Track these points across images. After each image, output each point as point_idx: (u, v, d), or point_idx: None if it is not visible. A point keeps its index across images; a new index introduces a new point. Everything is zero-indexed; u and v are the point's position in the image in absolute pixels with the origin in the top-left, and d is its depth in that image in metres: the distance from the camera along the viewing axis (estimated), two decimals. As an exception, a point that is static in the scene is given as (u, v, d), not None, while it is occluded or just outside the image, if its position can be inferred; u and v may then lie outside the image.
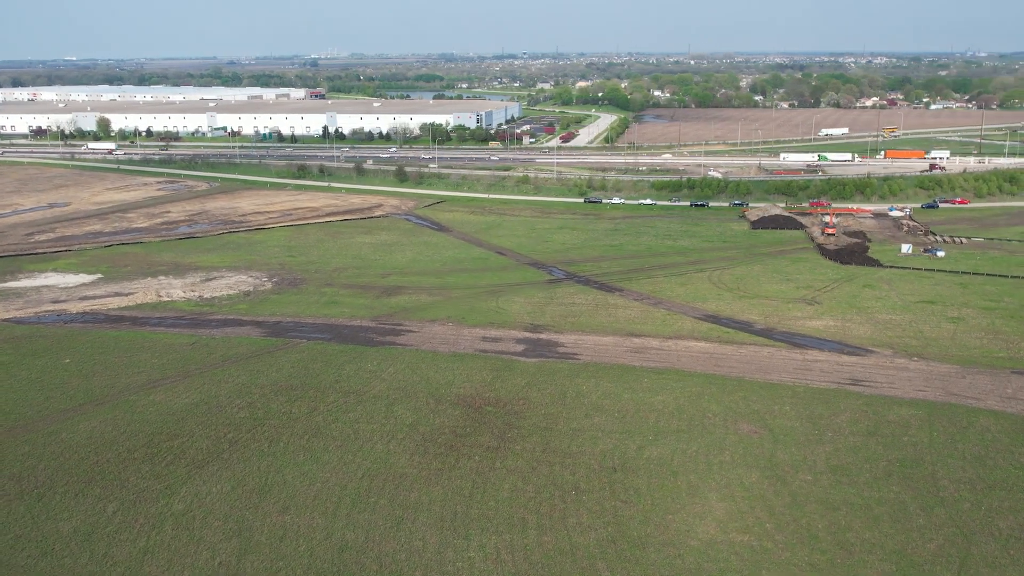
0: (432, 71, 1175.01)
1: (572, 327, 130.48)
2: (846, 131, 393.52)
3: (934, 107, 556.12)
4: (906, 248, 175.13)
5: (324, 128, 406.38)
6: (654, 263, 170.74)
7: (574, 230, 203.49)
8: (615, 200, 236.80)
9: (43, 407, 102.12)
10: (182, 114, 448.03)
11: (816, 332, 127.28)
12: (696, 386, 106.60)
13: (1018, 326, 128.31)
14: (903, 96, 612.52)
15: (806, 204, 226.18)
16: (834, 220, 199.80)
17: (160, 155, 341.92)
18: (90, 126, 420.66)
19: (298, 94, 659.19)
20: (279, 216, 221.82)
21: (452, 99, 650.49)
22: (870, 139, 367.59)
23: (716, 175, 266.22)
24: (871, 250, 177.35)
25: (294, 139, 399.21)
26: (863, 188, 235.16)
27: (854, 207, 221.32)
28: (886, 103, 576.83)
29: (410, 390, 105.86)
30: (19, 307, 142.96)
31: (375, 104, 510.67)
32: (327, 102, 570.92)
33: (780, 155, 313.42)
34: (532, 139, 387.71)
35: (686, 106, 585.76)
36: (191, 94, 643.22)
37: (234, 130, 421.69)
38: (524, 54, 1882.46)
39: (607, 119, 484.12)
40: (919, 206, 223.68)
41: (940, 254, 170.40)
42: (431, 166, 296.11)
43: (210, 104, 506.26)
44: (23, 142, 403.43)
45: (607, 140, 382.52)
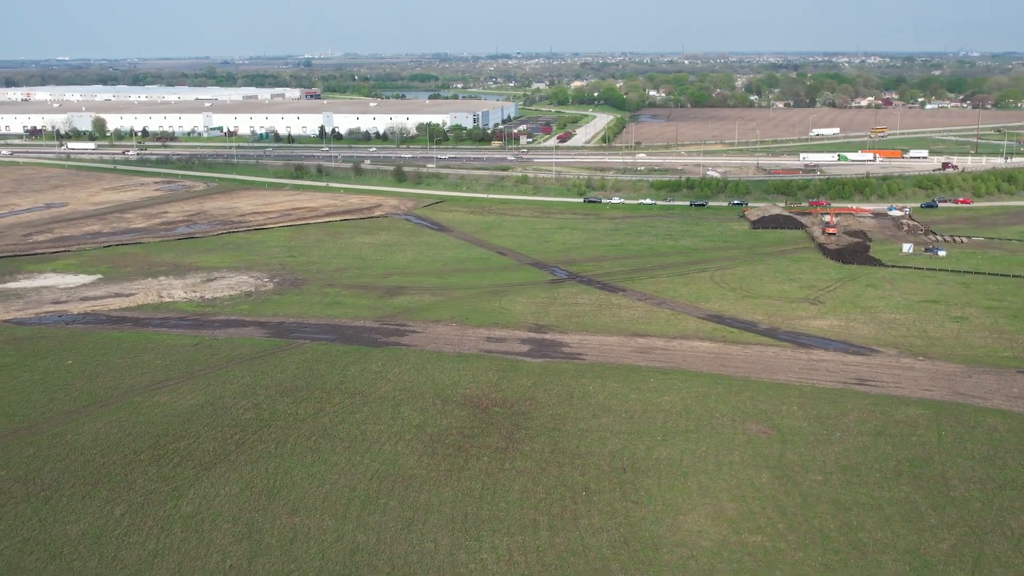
0: (427, 71, 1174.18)
1: (576, 327, 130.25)
2: (837, 131, 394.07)
3: (929, 107, 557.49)
4: (907, 247, 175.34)
5: (321, 128, 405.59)
6: (656, 263, 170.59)
7: (575, 230, 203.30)
8: (615, 200, 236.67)
9: (47, 409, 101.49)
10: (178, 114, 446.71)
11: (820, 332, 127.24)
12: (703, 386, 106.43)
13: (1022, 325, 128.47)
14: (898, 96, 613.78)
15: (805, 204, 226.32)
16: (834, 220, 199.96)
17: (157, 155, 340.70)
18: (86, 126, 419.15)
19: (293, 94, 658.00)
20: (278, 216, 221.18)
21: (448, 99, 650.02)
22: (862, 140, 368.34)
23: (715, 175, 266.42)
24: (872, 250, 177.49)
25: (291, 139, 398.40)
26: (862, 188, 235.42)
27: (853, 207, 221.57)
28: (881, 103, 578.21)
29: (416, 391, 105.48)
30: (19, 308, 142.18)
31: (371, 104, 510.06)
32: (323, 102, 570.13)
33: (800, 155, 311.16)
34: (529, 139, 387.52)
35: (682, 106, 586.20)
36: (186, 94, 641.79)
37: (230, 130, 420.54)
38: (518, 54, 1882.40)
39: (603, 119, 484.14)
40: (918, 206, 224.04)
41: (941, 253, 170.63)
42: (429, 166, 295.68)
43: (206, 104, 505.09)
44: (18, 142, 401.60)
45: (604, 140, 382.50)
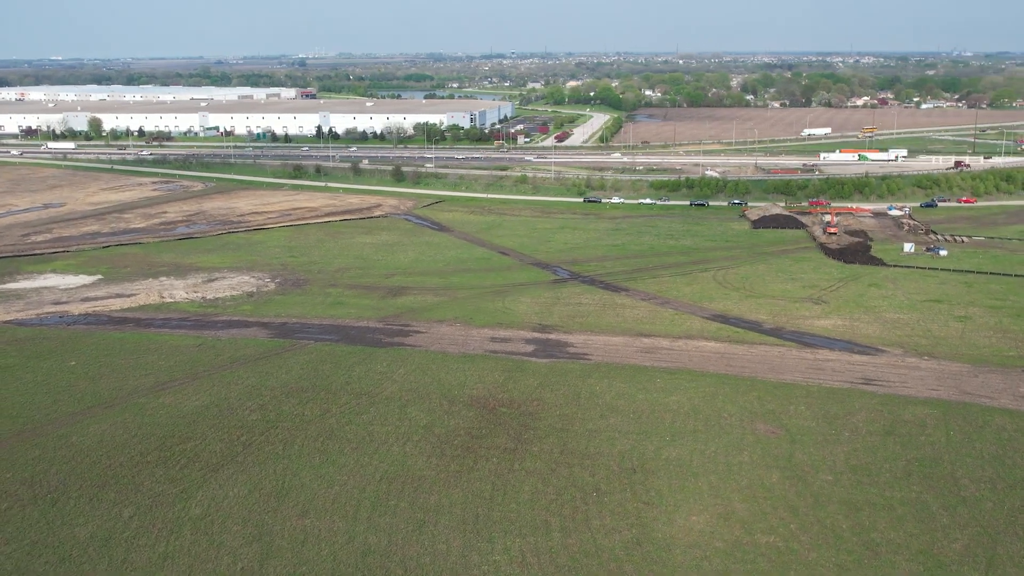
0: (421, 71, 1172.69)
1: (581, 327, 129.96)
2: (829, 131, 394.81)
3: (925, 106, 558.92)
4: (909, 247, 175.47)
5: (318, 128, 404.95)
6: (658, 263, 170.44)
7: (575, 230, 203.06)
8: (614, 200, 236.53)
9: (51, 410, 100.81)
10: (174, 114, 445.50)
11: (825, 331, 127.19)
12: (710, 386, 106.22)
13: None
14: (893, 96, 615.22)
15: (805, 203, 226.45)
16: (835, 219, 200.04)
17: (154, 155, 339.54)
18: (81, 126, 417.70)
19: (289, 94, 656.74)
20: (278, 216, 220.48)
21: (444, 99, 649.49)
22: (853, 140, 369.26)
23: (713, 174, 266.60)
24: (874, 249, 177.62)
25: (287, 139, 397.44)
26: (861, 187, 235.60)
27: (853, 206, 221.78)
28: (877, 103, 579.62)
29: (422, 391, 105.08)
30: (20, 309, 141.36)
31: (368, 104, 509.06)
32: (319, 102, 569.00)
33: (820, 155, 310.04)
34: (527, 139, 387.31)
35: (678, 105, 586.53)
36: (181, 94, 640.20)
37: (227, 130, 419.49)
38: (513, 54, 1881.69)
39: (600, 119, 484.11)
40: (918, 205, 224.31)
41: (943, 253, 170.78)
42: (428, 166, 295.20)
43: (201, 104, 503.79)
44: (13, 142, 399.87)
45: (602, 139, 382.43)
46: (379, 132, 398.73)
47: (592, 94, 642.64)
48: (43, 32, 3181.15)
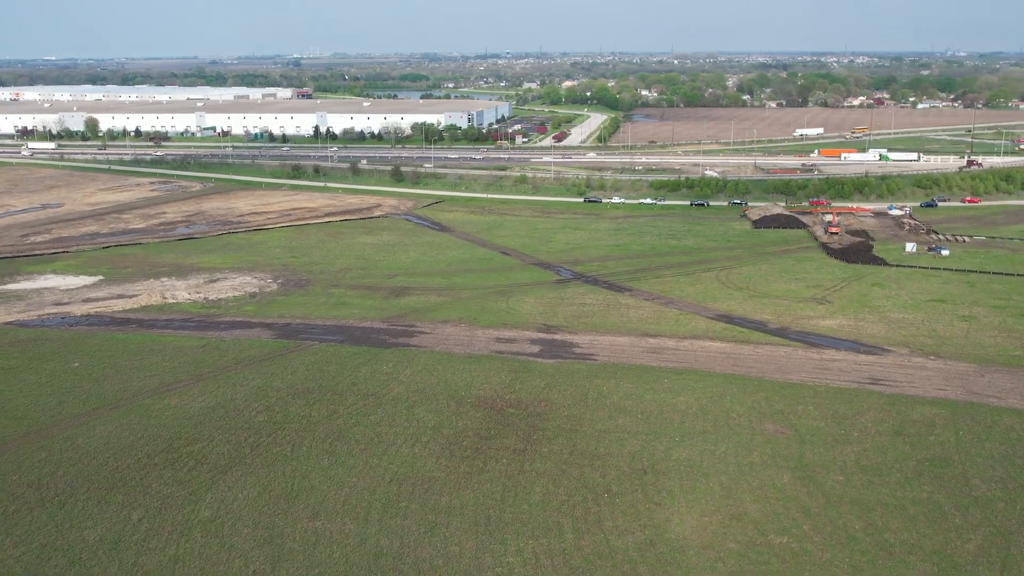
0: (417, 71, 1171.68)
1: (586, 327, 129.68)
2: (821, 131, 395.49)
3: (921, 106, 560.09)
4: (910, 247, 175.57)
5: (315, 128, 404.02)
6: (660, 263, 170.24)
7: (576, 230, 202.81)
8: (615, 199, 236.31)
9: (56, 412, 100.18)
10: (170, 114, 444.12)
11: (830, 331, 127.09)
12: (717, 386, 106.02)
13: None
14: (889, 95, 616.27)
15: (806, 203, 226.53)
16: (836, 219, 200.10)
17: (152, 155, 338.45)
18: (78, 126, 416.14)
19: (285, 94, 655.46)
20: (277, 216, 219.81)
21: (440, 99, 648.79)
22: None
23: (713, 174, 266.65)
24: (875, 249, 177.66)
25: (285, 139, 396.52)
26: (861, 187, 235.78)
27: (854, 206, 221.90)
28: (873, 103, 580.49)
29: (429, 392, 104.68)
30: (21, 310, 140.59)
31: (365, 104, 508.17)
32: (316, 102, 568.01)
33: (841, 155, 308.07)
34: (525, 139, 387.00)
35: (675, 105, 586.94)
36: (177, 94, 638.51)
37: (224, 130, 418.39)
38: (508, 54, 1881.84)
39: (597, 118, 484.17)
40: (918, 205, 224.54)
41: (945, 253, 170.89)
42: (426, 166, 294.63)
43: (198, 104, 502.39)
44: (9, 142, 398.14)
45: (600, 139, 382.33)
46: (377, 132, 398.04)
47: (588, 94, 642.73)
48: (37, 32, 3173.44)
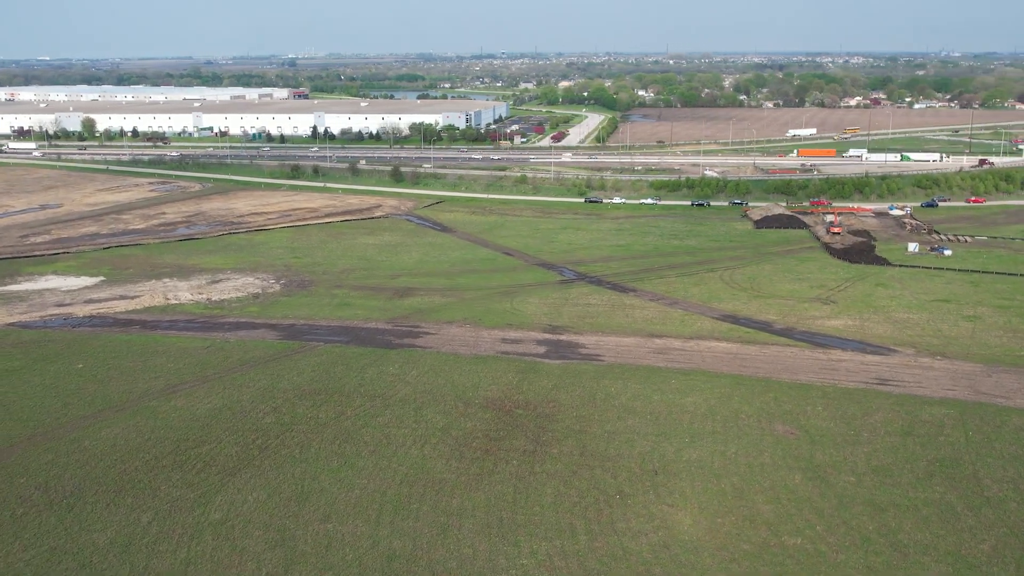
0: (413, 71, 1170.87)
1: (591, 328, 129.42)
2: (814, 131, 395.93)
3: (917, 106, 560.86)
4: (913, 247, 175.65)
5: (313, 128, 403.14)
6: (663, 263, 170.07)
7: (578, 230, 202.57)
8: (616, 200, 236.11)
9: (61, 414, 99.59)
10: (167, 114, 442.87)
11: (836, 331, 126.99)
12: (725, 387, 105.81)
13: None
14: (886, 96, 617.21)
15: (806, 203, 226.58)
16: (838, 219, 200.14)
17: (150, 156, 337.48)
18: (75, 126, 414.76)
19: (281, 94, 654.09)
20: (277, 217, 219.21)
21: (437, 99, 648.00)
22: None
23: (712, 174, 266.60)
24: (878, 249, 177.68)
25: (283, 139, 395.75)
26: (861, 187, 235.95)
27: (855, 206, 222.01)
28: (870, 103, 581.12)
29: (437, 393, 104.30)
30: (23, 311, 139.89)
31: (362, 104, 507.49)
32: (313, 102, 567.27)
33: (862, 155, 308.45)
34: (523, 139, 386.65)
35: (672, 106, 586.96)
36: (173, 94, 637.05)
37: (222, 130, 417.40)
38: (503, 54, 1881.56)
39: (595, 119, 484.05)
40: (919, 205, 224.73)
41: (947, 253, 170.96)
42: (426, 166, 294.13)
43: (195, 104, 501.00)
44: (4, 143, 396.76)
45: (598, 140, 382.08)
46: (375, 132, 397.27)
47: (586, 94, 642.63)
48: (31, 32, 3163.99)
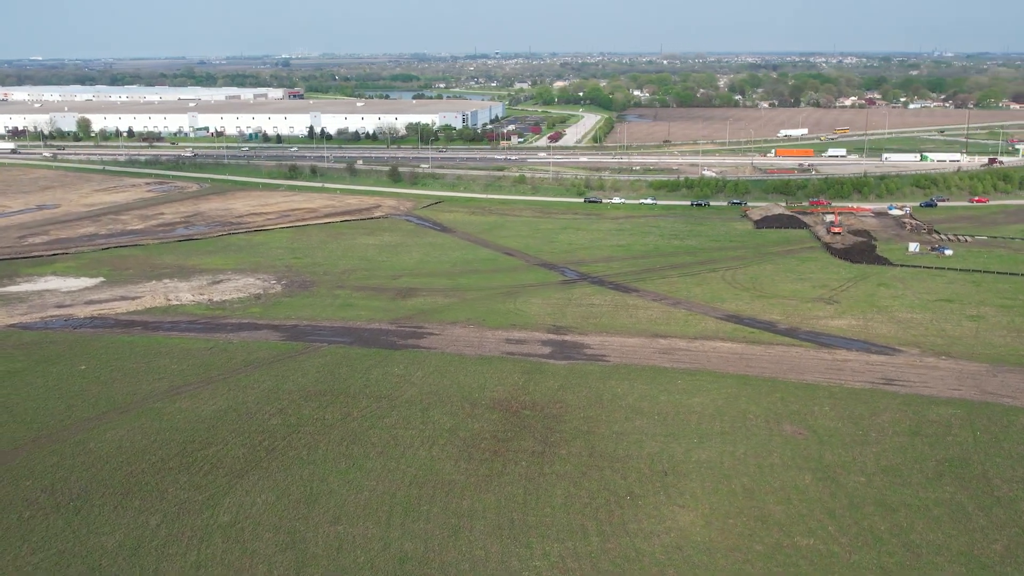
0: (407, 71, 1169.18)
1: (595, 328, 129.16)
2: (805, 132, 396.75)
3: (912, 106, 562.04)
4: (913, 247, 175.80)
5: (309, 128, 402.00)
6: (664, 263, 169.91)
7: (578, 230, 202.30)
8: (615, 200, 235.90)
9: (65, 416, 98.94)
10: (162, 114, 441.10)
11: (840, 331, 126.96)
12: (731, 387, 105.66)
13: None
14: (880, 96, 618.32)
15: (806, 203, 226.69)
16: (838, 219, 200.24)
17: (146, 156, 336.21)
18: (70, 126, 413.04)
19: (276, 94, 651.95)
20: (276, 217, 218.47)
21: (432, 99, 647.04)
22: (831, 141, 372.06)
23: (710, 174, 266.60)
24: (878, 249, 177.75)
25: (279, 139, 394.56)
26: (860, 187, 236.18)
27: (854, 206, 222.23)
28: (865, 103, 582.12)
29: (443, 394, 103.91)
30: (23, 312, 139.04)
31: (358, 104, 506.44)
32: (309, 102, 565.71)
33: (882, 155, 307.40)
34: (520, 139, 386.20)
35: (667, 106, 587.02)
36: (167, 94, 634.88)
37: (218, 130, 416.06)
38: (497, 54, 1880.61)
39: (591, 119, 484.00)
40: (918, 204, 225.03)
41: (948, 252, 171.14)
42: (423, 166, 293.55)
43: (190, 104, 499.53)
44: None
45: (595, 140, 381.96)
46: (371, 132, 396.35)
47: (581, 94, 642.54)
48: (23, 32, 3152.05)
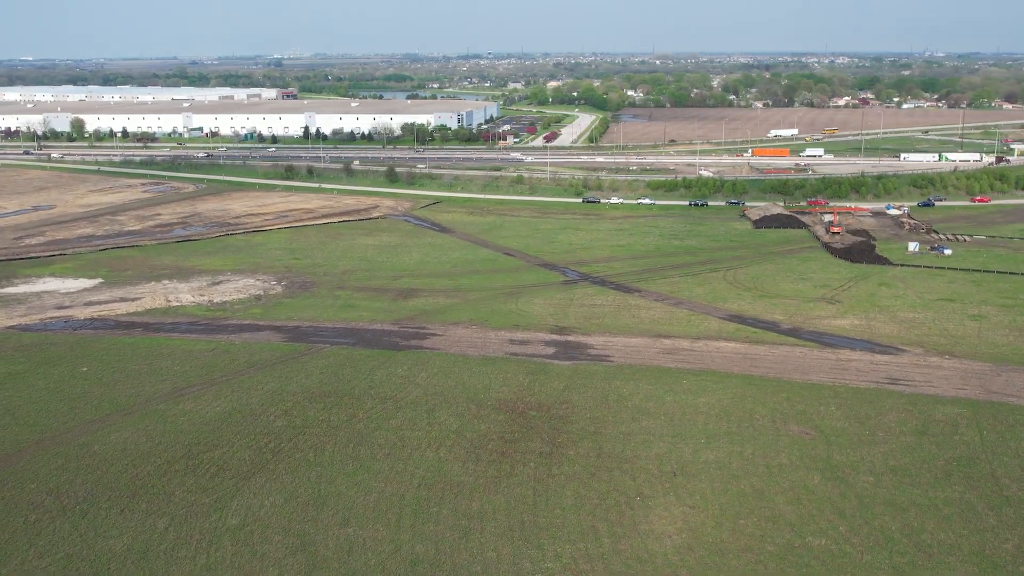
0: (400, 71, 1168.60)
1: (598, 328, 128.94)
2: (795, 132, 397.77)
3: (906, 106, 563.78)
4: (913, 246, 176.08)
5: (305, 128, 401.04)
6: (665, 263, 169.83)
7: (578, 230, 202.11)
8: (613, 200, 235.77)
9: (68, 418, 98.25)
10: (156, 115, 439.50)
11: (843, 331, 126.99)
12: (737, 387, 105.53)
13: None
14: (874, 96, 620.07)
15: (803, 203, 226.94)
16: (837, 219, 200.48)
17: (141, 156, 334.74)
18: (63, 127, 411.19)
19: (269, 94, 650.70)
20: (274, 218, 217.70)
21: (427, 99, 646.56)
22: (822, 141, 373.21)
23: (707, 174, 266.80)
24: (878, 248, 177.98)
25: (274, 139, 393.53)
26: (858, 187, 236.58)
27: (852, 206, 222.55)
28: (859, 103, 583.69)
29: (448, 395, 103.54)
30: (23, 314, 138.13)
31: (353, 104, 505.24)
32: (303, 102, 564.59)
33: (900, 156, 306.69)
34: (516, 139, 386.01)
35: (661, 106, 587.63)
36: (160, 94, 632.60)
37: (212, 131, 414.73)
38: (489, 54, 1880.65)
39: (586, 119, 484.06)
40: (915, 204, 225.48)
41: (947, 252, 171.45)
42: (420, 167, 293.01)
43: (184, 104, 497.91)
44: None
45: (591, 140, 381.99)
46: (367, 133, 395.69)
47: (575, 94, 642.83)
48: (12, 32, 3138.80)
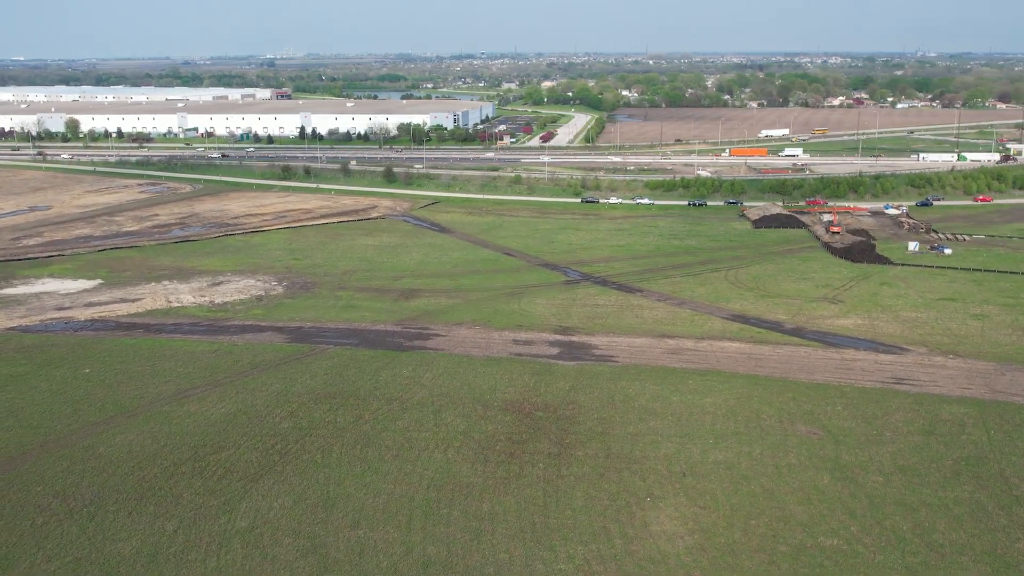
0: (393, 71, 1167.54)
1: (602, 328, 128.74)
2: (786, 132, 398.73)
3: (900, 106, 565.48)
4: (913, 246, 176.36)
5: (300, 128, 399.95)
6: (666, 263, 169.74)
7: (577, 230, 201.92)
8: (612, 200, 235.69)
9: (72, 420, 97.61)
10: (151, 115, 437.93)
11: (846, 331, 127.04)
12: (742, 387, 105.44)
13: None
14: (868, 95, 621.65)
15: (802, 203, 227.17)
16: (836, 218, 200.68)
17: (137, 157, 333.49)
18: (58, 127, 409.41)
19: (264, 94, 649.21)
20: (273, 218, 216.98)
21: (422, 99, 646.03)
22: (814, 141, 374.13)
23: (705, 174, 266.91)
24: (878, 248, 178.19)
25: (270, 140, 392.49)
26: (856, 187, 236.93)
27: (851, 205, 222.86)
28: (853, 103, 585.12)
29: (454, 396, 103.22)
30: (22, 315, 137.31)
31: (348, 104, 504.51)
32: (297, 102, 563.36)
33: (919, 155, 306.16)
34: (512, 139, 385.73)
35: (657, 106, 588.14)
36: (154, 95, 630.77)
37: (207, 131, 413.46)
38: (483, 54, 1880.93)
39: (582, 119, 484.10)
40: (914, 204, 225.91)
41: (947, 252, 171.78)
42: (417, 167, 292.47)
43: (178, 105, 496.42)
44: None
45: (587, 140, 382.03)
46: (363, 133, 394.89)
47: (570, 94, 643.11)
48: (3, 32, 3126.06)
